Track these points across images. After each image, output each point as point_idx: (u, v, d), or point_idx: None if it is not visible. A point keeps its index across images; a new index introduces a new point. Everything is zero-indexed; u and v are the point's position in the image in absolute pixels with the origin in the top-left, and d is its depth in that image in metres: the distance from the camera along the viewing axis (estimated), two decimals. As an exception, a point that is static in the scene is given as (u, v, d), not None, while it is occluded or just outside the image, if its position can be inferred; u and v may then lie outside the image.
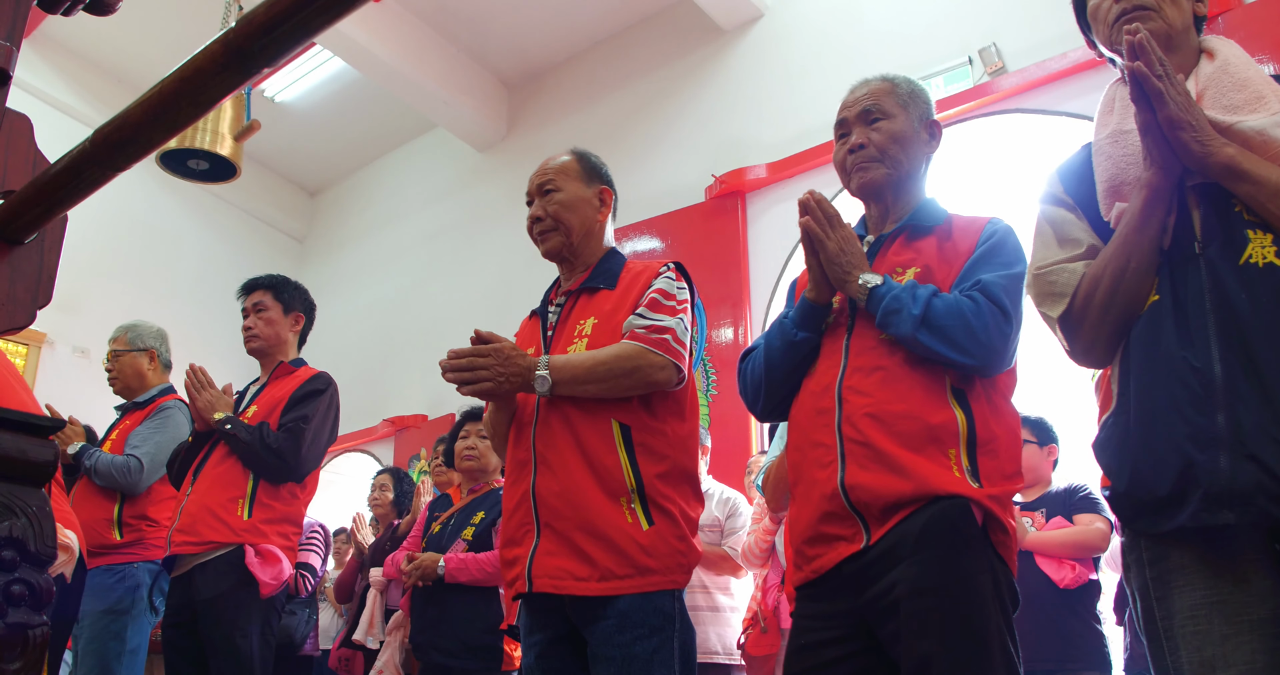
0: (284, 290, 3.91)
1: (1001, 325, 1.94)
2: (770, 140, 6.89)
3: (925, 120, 2.27)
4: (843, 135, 2.29)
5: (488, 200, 8.88)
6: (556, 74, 8.67)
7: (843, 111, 2.29)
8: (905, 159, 2.20)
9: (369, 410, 9.11)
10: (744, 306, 6.63)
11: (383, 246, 9.88)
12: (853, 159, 2.23)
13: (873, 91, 2.27)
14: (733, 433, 6.39)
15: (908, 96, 2.27)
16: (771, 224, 6.73)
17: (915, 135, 2.23)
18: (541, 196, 2.62)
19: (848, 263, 2.06)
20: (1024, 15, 5.98)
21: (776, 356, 2.17)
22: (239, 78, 1.18)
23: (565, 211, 2.58)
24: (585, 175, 2.65)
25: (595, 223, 2.63)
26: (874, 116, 2.22)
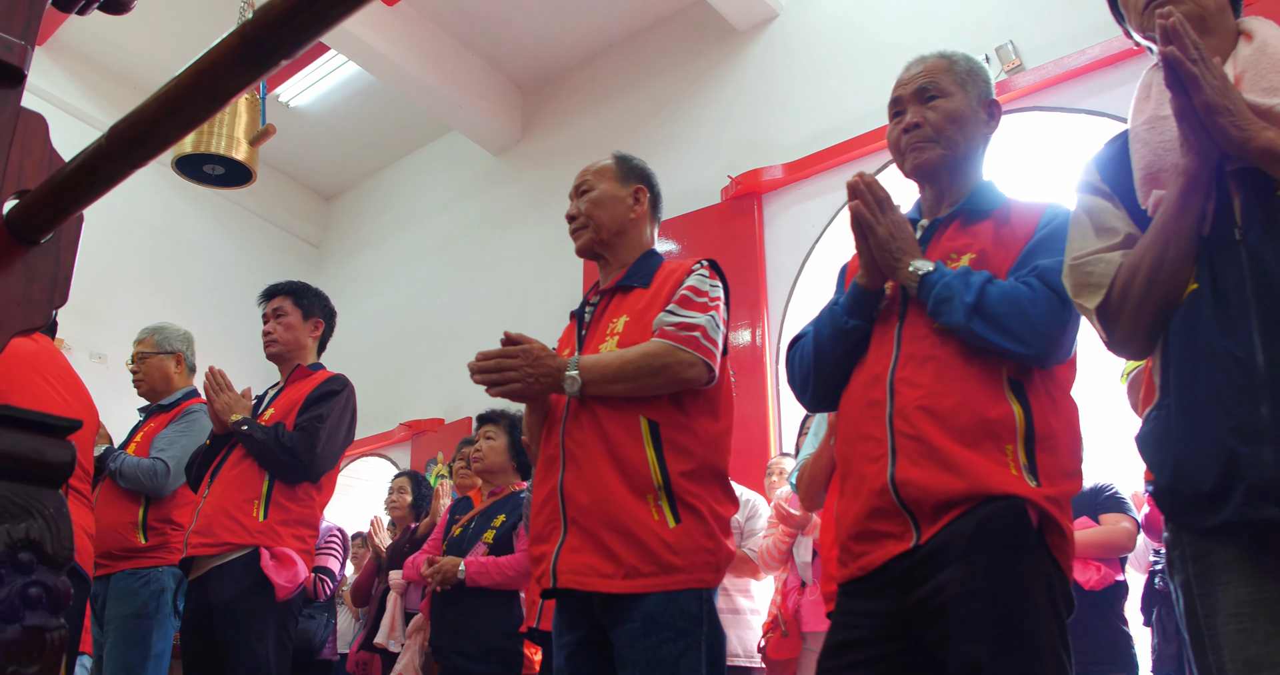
0: (304, 296, 3.90)
1: (1059, 313, 1.86)
2: (786, 141, 6.85)
3: (984, 99, 2.17)
4: (897, 113, 2.20)
5: (503, 204, 8.87)
6: (571, 77, 8.65)
7: (898, 89, 2.20)
8: (962, 139, 2.11)
9: (386, 414, 9.10)
10: (761, 308, 6.60)
11: (399, 251, 9.87)
12: (908, 139, 2.14)
13: (929, 69, 2.18)
14: (752, 434, 6.35)
15: (966, 74, 2.18)
16: (788, 225, 6.69)
17: (973, 115, 2.14)
18: (577, 196, 2.64)
19: (898, 248, 1.99)
20: (1041, 12, 5.94)
21: (826, 345, 2.10)
22: (256, 70, 1.16)
23: (595, 208, 2.60)
24: (621, 175, 2.66)
25: (627, 220, 2.62)
26: (930, 94, 2.14)
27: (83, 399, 3.33)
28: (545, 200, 8.48)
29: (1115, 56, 5.49)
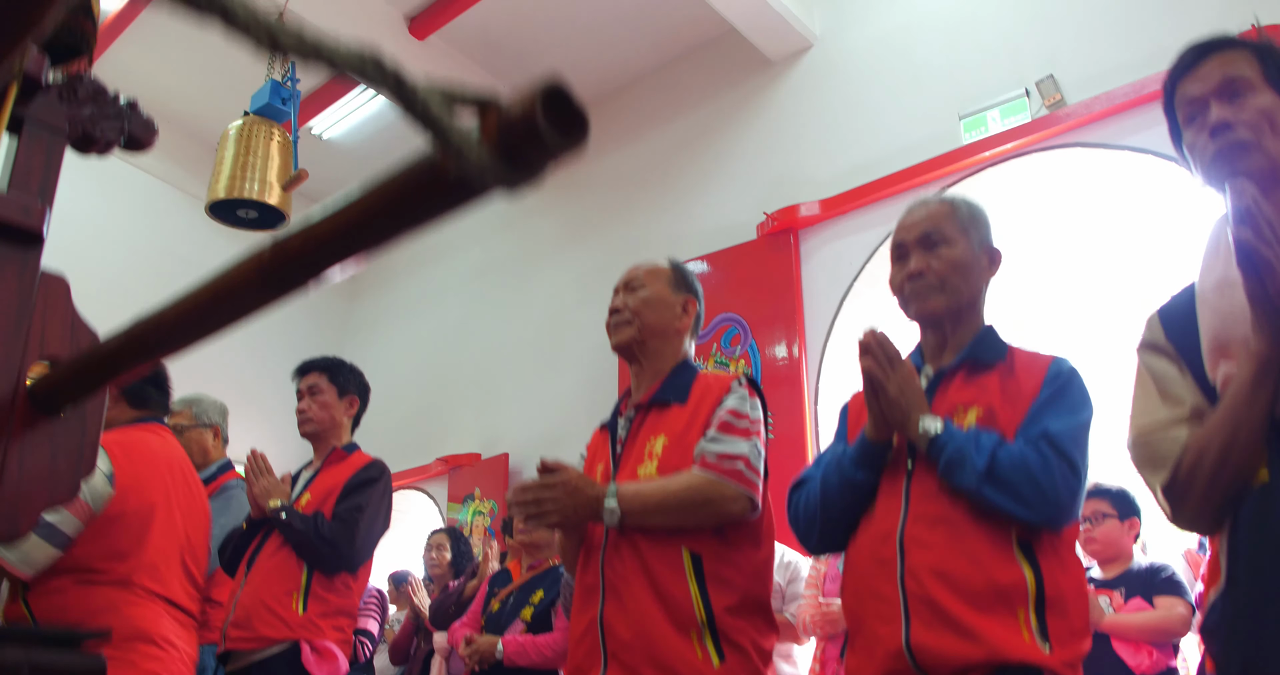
0: (339, 373, 3.85)
1: (1069, 480, 1.89)
2: (822, 175, 6.76)
3: (985, 245, 2.21)
4: (900, 258, 2.20)
5: (536, 236, 8.82)
6: (603, 107, 8.58)
7: (900, 233, 2.22)
8: (965, 287, 2.14)
9: (422, 448, 9.08)
10: (799, 346, 6.51)
11: (433, 281, 9.85)
12: (911, 286, 2.18)
13: (932, 214, 2.19)
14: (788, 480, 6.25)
15: (968, 220, 2.20)
16: (825, 262, 6.60)
17: (975, 261, 2.17)
18: (626, 291, 2.58)
19: (908, 405, 2.00)
20: (1082, 45, 5.82)
21: (834, 494, 2.11)
22: (273, 295, 1.17)
23: (645, 308, 2.57)
24: (674, 282, 2.63)
25: (672, 328, 2.57)
26: (934, 241, 2.15)
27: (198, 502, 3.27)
28: (579, 234, 8.43)
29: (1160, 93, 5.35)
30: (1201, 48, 1.80)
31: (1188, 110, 1.77)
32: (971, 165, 6.01)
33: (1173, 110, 1.83)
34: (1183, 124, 1.80)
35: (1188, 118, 1.77)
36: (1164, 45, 5.45)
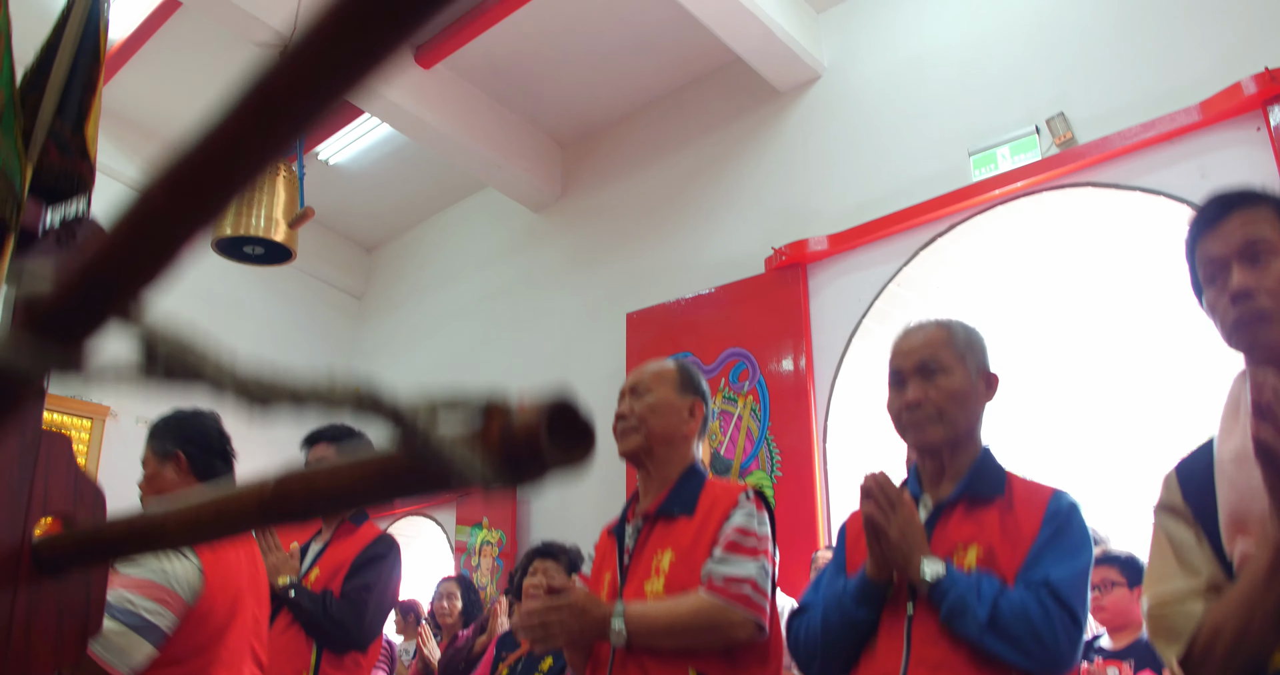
0: (347, 444, 3.83)
1: (1071, 631, 1.89)
2: (831, 209, 6.72)
3: (983, 371, 2.18)
4: (897, 384, 2.18)
5: (544, 263, 8.80)
6: (611, 133, 8.56)
7: (897, 359, 2.20)
8: (963, 417, 2.12)
9: (430, 474, 9.06)
10: (808, 383, 6.48)
11: (441, 306, 9.83)
12: (910, 415, 2.14)
13: (929, 341, 2.16)
14: (798, 520, 6.24)
15: (965, 346, 2.17)
16: (834, 297, 6.57)
17: (973, 389, 2.14)
18: (632, 396, 2.55)
19: (909, 548, 1.99)
20: (1093, 83, 5.77)
21: (835, 630, 2.10)
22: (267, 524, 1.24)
23: (651, 415, 2.54)
24: (681, 385, 2.59)
25: (679, 434, 2.55)
26: (931, 370, 2.13)
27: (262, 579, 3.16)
28: (586, 261, 8.40)
29: (1174, 131, 5.33)
30: (1224, 202, 1.77)
31: (1209, 269, 1.74)
32: (981, 203, 5.97)
33: (1194, 260, 1.81)
34: (1204, 281, 1.77)
35: (1208, 277, 1.74)
36: (1175, 84, 5.43)
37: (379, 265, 10.88)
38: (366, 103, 7.70)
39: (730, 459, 6.72)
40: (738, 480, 6.59)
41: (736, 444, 6.71)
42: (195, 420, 2.89)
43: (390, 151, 9.08)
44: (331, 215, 9.96)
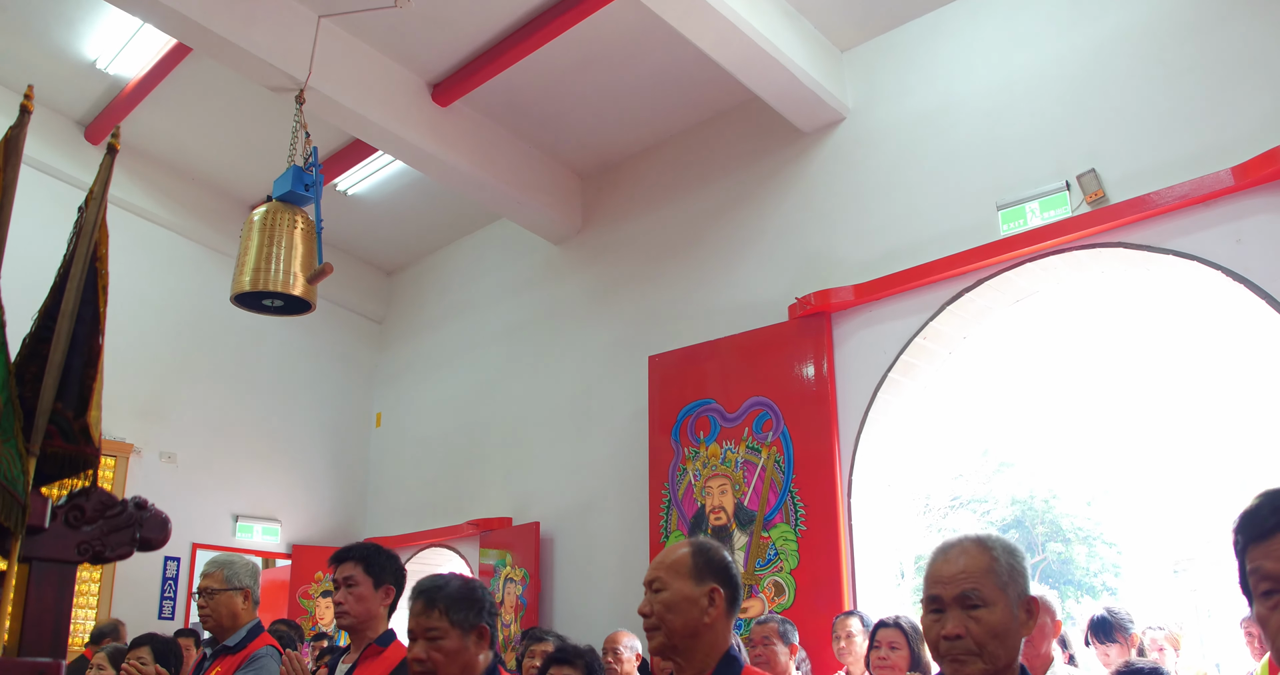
0: (374, 563, 3.77)
1: None
2: (856, 258, 6.61)
3: (1023, 599, 2.09)
4: (934, 610, 2.10)
5: (565, 297, 8.72)
6: (631, 167, 8.44)
7: (936, 586, 2.11)
8: (1004, 652, 2.03)
9: (453, 508, 9.07)
10: (832, 435, 6.40)
11: (461, 335, 9.78)
12: (948, 646, 2.06)
13: (969, 571, 2.08)
14: (821, 575, 6.19)
15: (1007, 576, 2.09)
16: (860, 347, 6.47)
17: (1014, 621, 2.06)
18: (650, 591, 2.50)
19: None
20: (1127, 140, 5.63)
21: None
22: None
23: (667, 612, 2.47)
24: (696, 572, 2.51)
25: (701, 624, 2.48)
26: (972, 603, 2.04)
27: None
28: (608, 296, 8.32)
29: (1209, 195, 5.20)
30: (1277, 510, 1.68)
31: (1263, 586, 1.65)
32: (1010, 259, 5.85)
33: (1242, 559, 1.72)
34: (1255, 592, 1.68)
35: (1262, 593, 1.66)
36: (1212, 145, 5.29)
37: (399, 289, 10.83)
38: (380, 141, 7.63)
39: (754, 511, 6.66)
40: (764, 536, 6.54)
41: (760, 496, 6.65)
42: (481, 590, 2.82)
43: (408, 183, 9.01)
44: (350, 240, 9.91)
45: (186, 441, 9.14)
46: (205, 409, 9.35)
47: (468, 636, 2.69)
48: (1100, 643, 5.15)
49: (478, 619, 2.71)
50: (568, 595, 7.99)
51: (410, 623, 2.74)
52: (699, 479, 7.03)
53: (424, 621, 2.69)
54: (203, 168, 9.29)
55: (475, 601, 2.73)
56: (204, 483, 9.24)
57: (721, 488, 6.91)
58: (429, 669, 2.64)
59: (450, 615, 2.68)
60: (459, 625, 2.69)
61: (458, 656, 2.66)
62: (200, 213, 9.44)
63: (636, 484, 7.47)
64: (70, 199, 9.03)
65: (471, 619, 2.69)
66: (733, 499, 6.82)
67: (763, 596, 6.48)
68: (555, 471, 8.35)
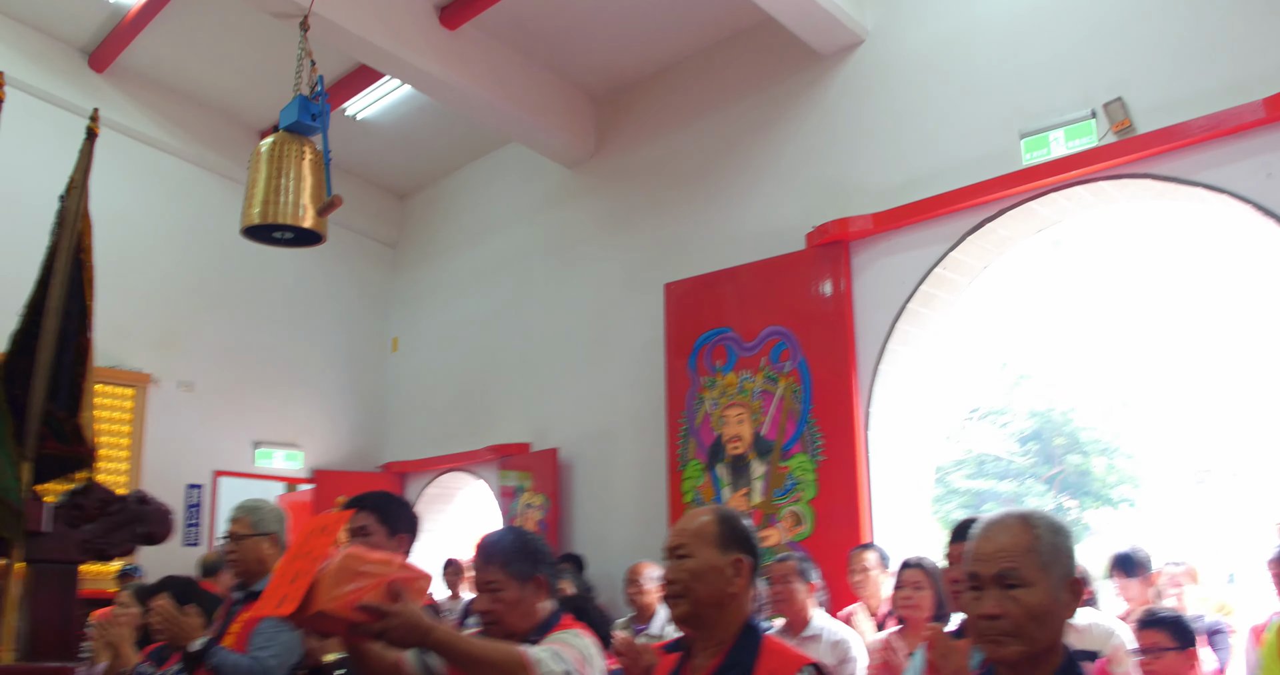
0: (388, 511, 3.74)
1: None
2: (874, 185, 6.48)
3: (1067, 580, 2.00)
4: (974, 587, 2.04)
5: (579, 222, 8.61)
6: (645, 89, 8.26)
7: (975, 563, 2.03)
8: (1044, 634, 1.96)
9: (471, 434, 9.09)
10: (851, 365, 6.35)
11: (476, 259, 9.69)
12: (985, 625, 1.99)
13: (1009, 549, 1.99)
14: (840, 505, 6.19)
15: (1050, 556, 2.00)
16: (878, 278, 6.38)
17: (1056, 603, 1.97)
18: (674, 558, 2.46)
19: None
20: (1156, 69, 5.44)
21: None
22: None
23: (694, 581, 2.44)
24: (722, 540, 2.47)
25: (725, 594, 2.45)
26: (1011, 582, 1.97)
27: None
28: (622, 223, 8.22)
29: (1239, 127, 5.04)
30: None
31: None
32: (1033, 188, 5.72)
33: None
34: None
35: None
36: (1243, 75, 5.12)
37: (412, 214, 10.72)
38: (389, 67, 7.48)
39: (772, 440, 6.64)
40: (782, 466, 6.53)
41: (778, 425, 6.62)
42: (535, 542, 2.83)
43: (418, 106, 8.86)
44: (361, 165, 9.78)
45: (204, 370, 9.16)
46: (222, 337, 9.34)
47: (525, 587, 2.70)
48: (1123, 577, 5.15)
49: (534, 570, 2.72)
50: (587, 520, 8.03)
51: (475, 577, 2.79)
52: (716, 408, 7.01)
53: (483, 575, 2.72)
54: (209, 95, 9.15)
55: (530, 553, 2.75)
56: (223, 411, 9.27)
57: (739, 417, 6.89)
58: (493, 620, 2.65)
59: (507, 568, 2.70)
60: (516, 577, 2.70)
61: (517, 606, 2.68)
62: (209, 140, 9.32)
63: (653, 412, 7.45)
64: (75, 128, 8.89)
65: (527, 570, 2.70)
66: (750, 428, 6.80)
67: (781, 526, 6.49)
68: (573, 398, 8.35)
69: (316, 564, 2.15)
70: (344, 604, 2.13)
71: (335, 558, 2.18)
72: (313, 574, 2.12)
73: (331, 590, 2.11)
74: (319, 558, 2.17)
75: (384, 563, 2.28)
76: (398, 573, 2.30)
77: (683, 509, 7.04)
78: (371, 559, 2.25)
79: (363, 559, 2.23)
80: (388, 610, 2.23)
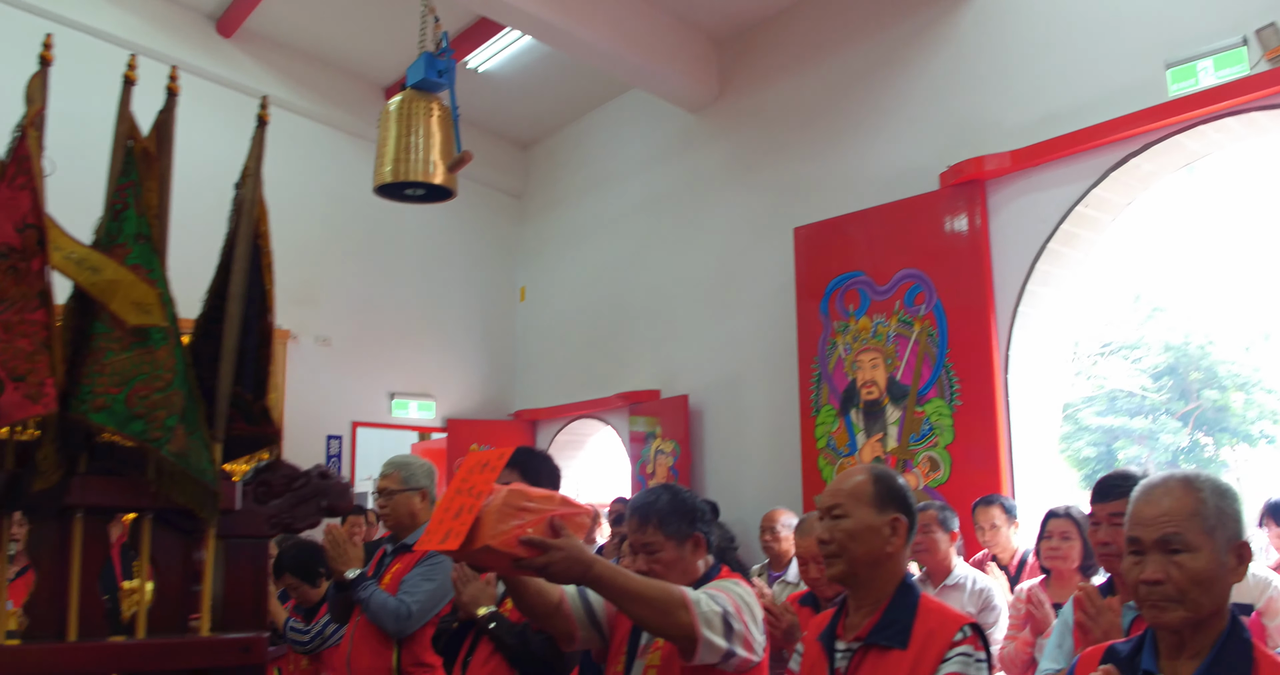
0: (529, 466, 3.80)
1: None
2: (1011, 123, 6.28)
3: (1234, 544, 1.94)
4: (1135, 552, 1.99)
5: (705, 167, 8.55)
6: (769, 29, 8.10)
7: (1136, 527, 1.98)
8: (1208, 600, 1.91)
9: (601, 380, 9.17)
10: (988, 308, 6.21)
11: (601, 208, 9.71)
12: (1147, 590, 1.94)
13: (1173, 512, 1.93)
14: (977, 450, 6.10)
15: (1215, 519, 1.93)
16: (1016, 218, 6.21)
17: (1221, 568, 1.92)
18: (830, 519, 2.45)
19: None
20: (1314, -12, 5.15)
21: None
22: None
23: (850, 541, 2.43)
24: (878, 500, 2.45)
25: (883, 553, 2.44)
26: (1174, 547, 1.92)
27: None
28: (748, 167, 8.13)
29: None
30: None
31: None
32: (1180, 121, 5.48)
33: None
34: None
35: None
36: None
37: (535, 163, 10.77)
38: (509, 18, 7.47)
39: (907, 385, 6.56)
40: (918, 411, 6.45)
41: (913, 369, 6.53)
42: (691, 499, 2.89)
43: (539, 56, 8.85)
44: (484, 116, 9.83)
45: (340, 325, 9.40)
46: (355, 292, 9.57)
47: (683, 546, 2.73)
48: (1276, 525, 4.99)
49: (690, 529, 2.74)
50: (718, 467, 8.07)
51: (630, 538, 2.82)
52: (849, 353, 6.94)
53: (640, 537, 2.75)
54: (335, 54, 9.27)
55: (686, 512, 2.77)
56: (359, 363, 9.52)
57: (873, 361, 6.81)
58: None
59: (664, 528, 2.72)
60: (674, 537, 2.72)
61: (676, 566, 2.70)
62: (337, 100, 9.48)
63: (785, 358, 7.41)
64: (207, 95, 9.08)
65: (685, 529, 2.73)
66: (884, 373, 6.72)
67: (917, 472, 6.43)
68: (702, 344, 8.35)
69: (480, 500, 2.19)
70: (508, 539, 2.17)
71: (499, 494, 2.23)
72: (477, 510, 2.17)
73: (496, 526, 2.15)
74: (482, 493, 2.21)
75: (546, 499, 2.32)
76: (560, 508, 2.34)
77: (816, 455, 7.03)
78: (534, 495, 2.29)
79: (526, 495, 2.27)
80: (550, 544, 2.27)
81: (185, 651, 1.85)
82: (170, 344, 1.81)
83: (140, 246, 1.84)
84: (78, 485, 1.78)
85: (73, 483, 1.78)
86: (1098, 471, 19.97)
